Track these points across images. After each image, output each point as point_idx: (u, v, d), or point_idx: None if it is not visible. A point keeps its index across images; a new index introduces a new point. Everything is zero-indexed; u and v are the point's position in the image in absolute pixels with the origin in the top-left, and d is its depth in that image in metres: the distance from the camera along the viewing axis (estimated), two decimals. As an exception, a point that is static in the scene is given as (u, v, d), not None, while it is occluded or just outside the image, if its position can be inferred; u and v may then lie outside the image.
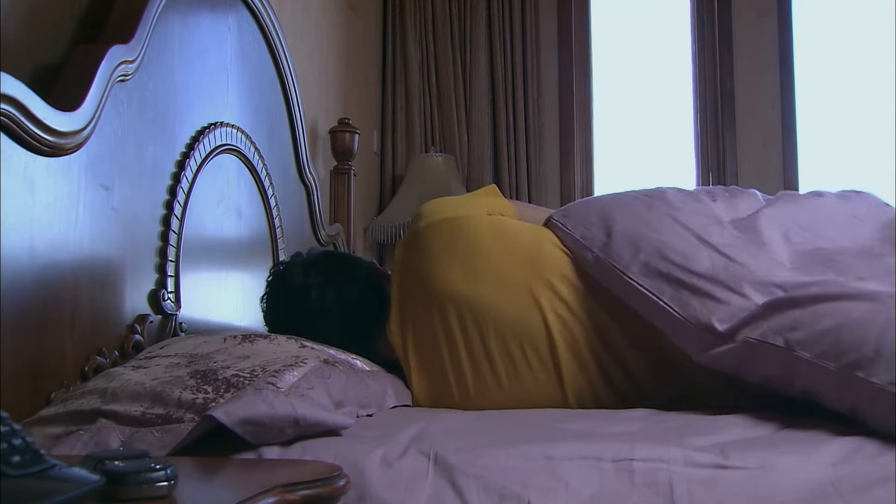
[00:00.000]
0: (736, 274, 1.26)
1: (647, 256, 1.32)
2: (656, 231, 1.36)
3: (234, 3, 1.92)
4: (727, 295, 1.23)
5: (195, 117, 1.67)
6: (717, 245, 1.32)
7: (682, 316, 1.24)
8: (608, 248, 1.37)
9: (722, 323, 1.20)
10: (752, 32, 3.66)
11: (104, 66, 1.29)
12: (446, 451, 0.93)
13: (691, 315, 1.23)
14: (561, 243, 1.44)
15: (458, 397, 1.38)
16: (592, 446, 0.93)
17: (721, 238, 1.34)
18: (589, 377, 1.35)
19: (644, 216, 1.41)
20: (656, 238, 1.34)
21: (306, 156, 2.32)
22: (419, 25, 3.67)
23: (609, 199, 1.53)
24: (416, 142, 3.60)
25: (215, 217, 1.76)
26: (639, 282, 1.30)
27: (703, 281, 1.26)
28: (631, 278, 1.31)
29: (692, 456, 0.90)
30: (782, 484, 0.85)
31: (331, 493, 0.76)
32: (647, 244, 1.34)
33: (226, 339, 1.32)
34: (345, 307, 1.52)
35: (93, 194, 1.30)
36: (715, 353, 1.19)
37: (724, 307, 1.22)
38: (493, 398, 1.36)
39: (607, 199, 1.53)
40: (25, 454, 0.52)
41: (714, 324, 1.20)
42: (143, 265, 1.47)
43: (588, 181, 3.80)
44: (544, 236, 1.47)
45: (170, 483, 0.66)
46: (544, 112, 3.71)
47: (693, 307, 1.24)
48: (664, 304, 1.27)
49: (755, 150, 3.61)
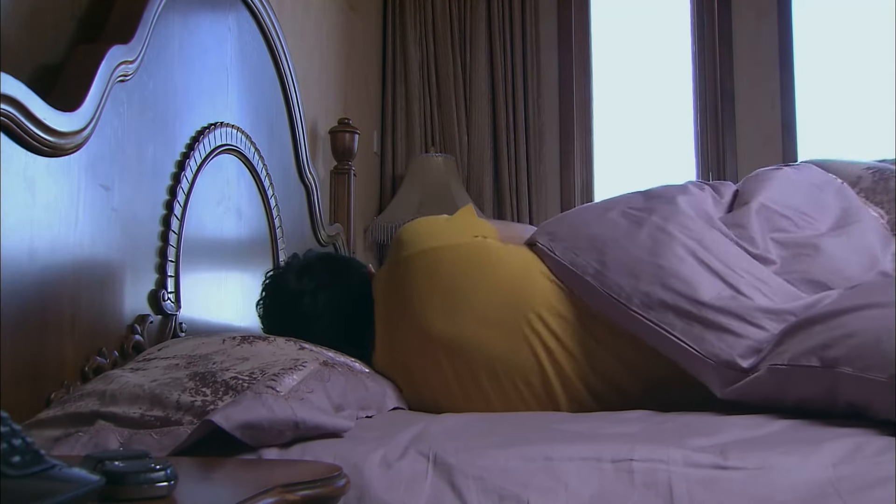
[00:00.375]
0: (745, 304, 1.23)
1: (648, 286, 1.28)
2: (652, 255, 1.32)
3: (234, 4, 1.92)
4: (743, 327, 1.20)
5: (195, 117, 1.67)
6: (719, 271, 1.28)
7: (701, 353, 1.20)
8: (603, 276, 1.32)
9: (744, 358, 1.17)
10: (752, 33, 3.66)
11: (104, 67, 1.29)
12: (446, 452, 0.93)
13: (710, 352, 1.19)
14: (549, 272, 1.39)
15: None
16: (592, 447, 0.93)
17: (719, 255, 1.31)
18: (585, 404, 1.34)
19: (636, 236, 1.36)
20: (653, 263, 1.30)
21: (306, 156, 2.32)
22: (419, 25, 3.67)
23: (595, 217, 1.46)
24: (416, 142, 3.60)
25: (215, 217, 1.76)
26: (644, 315, 1.26)
27: (713, 312, 1.22)
28: (636, 312, 1.27)
29: (692, 456, 0.90)
30: (782, 484, 0.85)
31: (331, 493, 0.76)
32: (646, 272, 1.29)
33: (224, 340, 1.32)
34: (338, 313, 1.51)
35: (93, 194, 1.30)
36: (739, 386, 1.16)
37: (742, 341, 1.19)
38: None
39: (593, 217, 1.46)
40: (25, 454, 0.52)
41: (737, 360, 1.17)
42: (143, 265, 1.47)
43: (588, 181, 3.80)
44: (532, 264, 1.42)
45: (170, 483, 0.65)
46: (544, 112, 3.71)
47: (710, 342, 1.20)
48: (678, 340, 1.23)
49: (755, 150, 3.61)
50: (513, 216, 3.58)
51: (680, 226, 1.36)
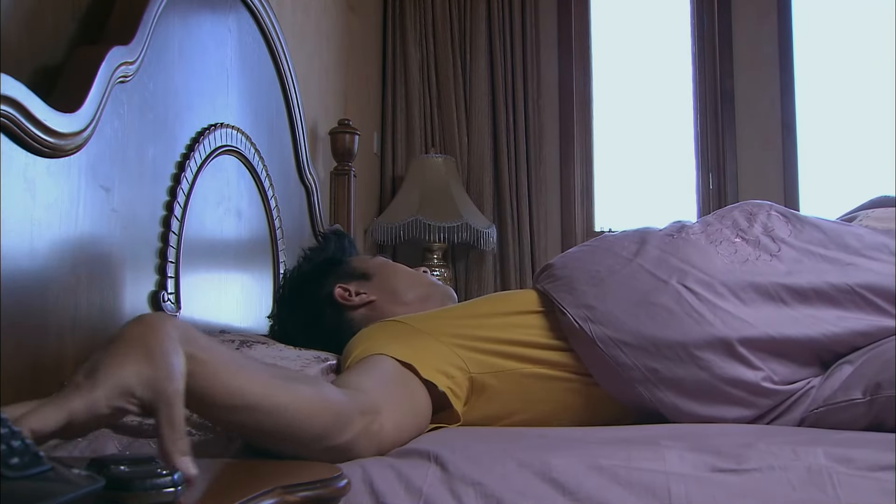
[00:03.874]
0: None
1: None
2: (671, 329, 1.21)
3: (234, 5, 1.92)
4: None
5: (195, 118, 1.67)
6: (741, 351, 1.18)
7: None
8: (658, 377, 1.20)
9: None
10: (752, 33, 3.66)
11: (104, 68, 1.29)
12: (445, 457, 0.93)
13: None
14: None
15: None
16: (589, 451, 0.93)
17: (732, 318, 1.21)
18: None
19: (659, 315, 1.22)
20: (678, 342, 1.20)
21: (306, 157, 2.32)
22: (419, 26, 3.67)
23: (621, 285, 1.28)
24: (416, 143, 3.60)
25: (215, 218, 1.76)
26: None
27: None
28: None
29: (689, 459, 0.90)
30: (780, 485, 0.85)
31: (331, 494, 0.76)
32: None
33: (223, 343, 1.31)
34: (309, 338, 1.47)
35: (93, 195, 1.30)
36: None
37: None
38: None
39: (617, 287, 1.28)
40: (24, 456, 0.51)
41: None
42: (144, 266, 1.47)
43: (588, 181, 3.80)
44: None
45: (177, 489, 0.64)
46: (544, 112, 3.71)
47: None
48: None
49: (755, 150, 3.61)
50: (513, 216, 3.58)
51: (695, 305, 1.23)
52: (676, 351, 1.17)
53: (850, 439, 0.94)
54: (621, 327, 1.20)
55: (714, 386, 1.15)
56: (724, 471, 0.88)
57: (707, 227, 1.36)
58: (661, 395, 1.17)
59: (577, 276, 1.31)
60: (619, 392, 1.22)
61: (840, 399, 1.09)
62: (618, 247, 1.36)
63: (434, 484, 0.90)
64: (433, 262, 3.38)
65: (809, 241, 1.29)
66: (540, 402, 1.24)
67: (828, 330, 1.18)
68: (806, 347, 1.18)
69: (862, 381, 1.07)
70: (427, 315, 1.32)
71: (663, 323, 1.19)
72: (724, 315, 1.18)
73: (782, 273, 1.23)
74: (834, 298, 1.20)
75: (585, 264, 1.34)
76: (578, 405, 1.25)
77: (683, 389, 1.16)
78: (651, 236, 1.36)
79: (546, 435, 1.09)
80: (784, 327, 1.17)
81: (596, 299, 1.25)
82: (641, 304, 1.22)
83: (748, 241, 1.30)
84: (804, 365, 1.18)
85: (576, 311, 1.24)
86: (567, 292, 1.28)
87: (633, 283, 1.26)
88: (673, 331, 1.18)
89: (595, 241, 1.46)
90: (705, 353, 1.16)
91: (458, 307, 1.41)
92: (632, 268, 1.29)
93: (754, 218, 1.36)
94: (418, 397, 1.12)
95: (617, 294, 1.25)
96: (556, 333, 1.27)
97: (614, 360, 1.19)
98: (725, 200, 3.51)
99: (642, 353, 1.18)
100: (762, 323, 1.18)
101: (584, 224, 3.78)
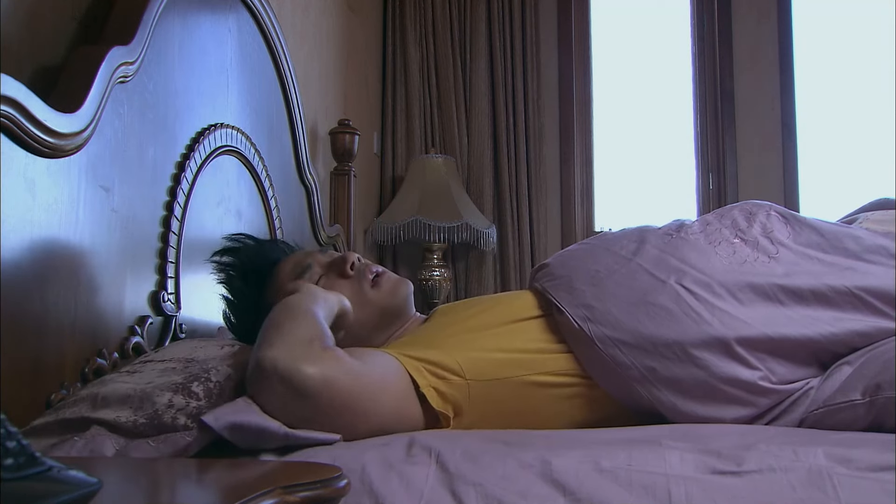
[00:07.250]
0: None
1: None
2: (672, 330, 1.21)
3: (234, 5, 1.92)
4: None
5: (195, 118, 1.67)
6: (741, 354, 1.18)
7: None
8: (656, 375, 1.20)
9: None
10: (752, 33, 3.66)
11: (104, 68, 1.30)
12: (445, 458, 0.93)
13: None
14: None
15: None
16: (590, 453, 0.93)
17: (730, 321, 1.21)
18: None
19: (660, 317, 1.22)
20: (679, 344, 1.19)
21: (306, 157, 2.32)
22: (419, 26, 3.66)
23: (619, 292, 1.27)
24: (416, 143, 3.60)
25: (215, 218, 1.76)
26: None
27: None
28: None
29: (690, 460, 0.89)
30: (780, 486, 0.85)
31: (331, 494, 0.76)
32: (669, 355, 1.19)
33: (223, 346, 1.31)
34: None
35: (93, 195, 1.30)
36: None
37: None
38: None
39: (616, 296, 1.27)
40: (20, 457, 0.51)
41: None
42: (143, 266, 1.47)
43: (588, 182, 3.80)
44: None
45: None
46: (544, 112, 3.71)
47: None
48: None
49: (755, 151, 3.61)
50: (513, 216, 3.58)
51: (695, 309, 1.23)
52: (674, 350, 1.17)
53: (850, 440, 0.94)
54: (620, 327, 1.21)
55: (712, 385, 1.15)
56: (725, 472, 0.87)
57: (706, 227, 1.36)
58: (659, 394, 1.17)
59: (575, 276, 1.31)
60: (618, 391, 1.21)
61: (840, 400, 1.09)
62: (617, 246, 1.36)
63: (434, 485, 0.90)
64: (433, 262, 3.38)
65: (808, 244, 1.29)
66: (541, 409, 1.24)
67: (825, 330, 1.18)
68: (803, 347, 1.18)
69: (861, 382, 1.07)
70: (425, 336, 1.30)
71: (661, 322, 1.19)
72: (722, 315, 1.18)
73: (780, 275, 1.23)
74: (832, 300, 1.20)
75: (584, 263, 1.34)
76: (579, 411, 1.24)
77: (681, 389, 1.16)
78: (650, 235, 1.36)
79: (547, 436, 1.09)
80: (781, 327, 1.17)
81: (595, 299, 1.25)
82: (640, 303, 1.22)
83: (747, 243, 1.30)
84: (802, 365, 1.18)
85: (575, 311, 1.24)
86: (566, 292, 1.28)
87: (631, 282, 1.26)
88: (671, 330, 1.18)
89: (593, 239, 1.46)
90: (703, 353, 1.16)
91: (456, 322, 1.34)
92: (631, 267, 1.29)
93: (753, 218, 1.36)
94: (394, 380, 1.13)
95: (616, 294, 1.25)
96: (556, 336, 1.27)
97: (612, 359, 1.19)
98: (725, 201, 3.50)
99: (640, 353, 1.18)
100: (759, 323, 1.18)
101: (584, 224, 3.78)
